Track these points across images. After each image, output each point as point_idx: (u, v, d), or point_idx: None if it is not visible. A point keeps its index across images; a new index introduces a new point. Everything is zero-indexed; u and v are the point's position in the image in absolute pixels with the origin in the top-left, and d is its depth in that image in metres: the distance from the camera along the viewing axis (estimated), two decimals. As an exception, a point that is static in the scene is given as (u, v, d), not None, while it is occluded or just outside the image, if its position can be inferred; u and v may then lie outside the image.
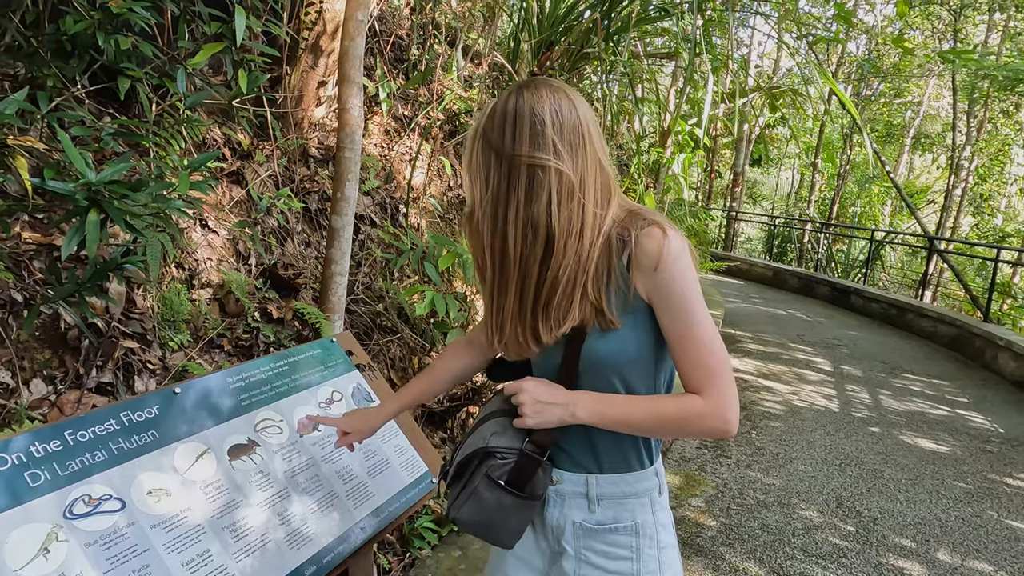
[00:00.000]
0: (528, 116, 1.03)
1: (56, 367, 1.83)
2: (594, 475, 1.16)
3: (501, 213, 1.06)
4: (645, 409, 1.08)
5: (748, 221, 18.48)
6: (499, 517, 1.14)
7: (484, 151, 1.07)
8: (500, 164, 1.05)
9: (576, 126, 1.05)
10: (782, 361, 6.75)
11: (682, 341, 1.05)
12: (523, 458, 1.13)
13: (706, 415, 1.04)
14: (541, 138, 1.03)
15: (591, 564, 1.16)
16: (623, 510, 1.16)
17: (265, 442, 1.59)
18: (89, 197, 1.23)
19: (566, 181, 1.03)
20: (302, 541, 1.49)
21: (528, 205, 1.04)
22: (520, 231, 1.05)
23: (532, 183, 1.03)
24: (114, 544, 1.22)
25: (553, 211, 1.03)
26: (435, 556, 2.10)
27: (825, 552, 3.16)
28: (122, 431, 1.36)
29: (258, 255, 2.61)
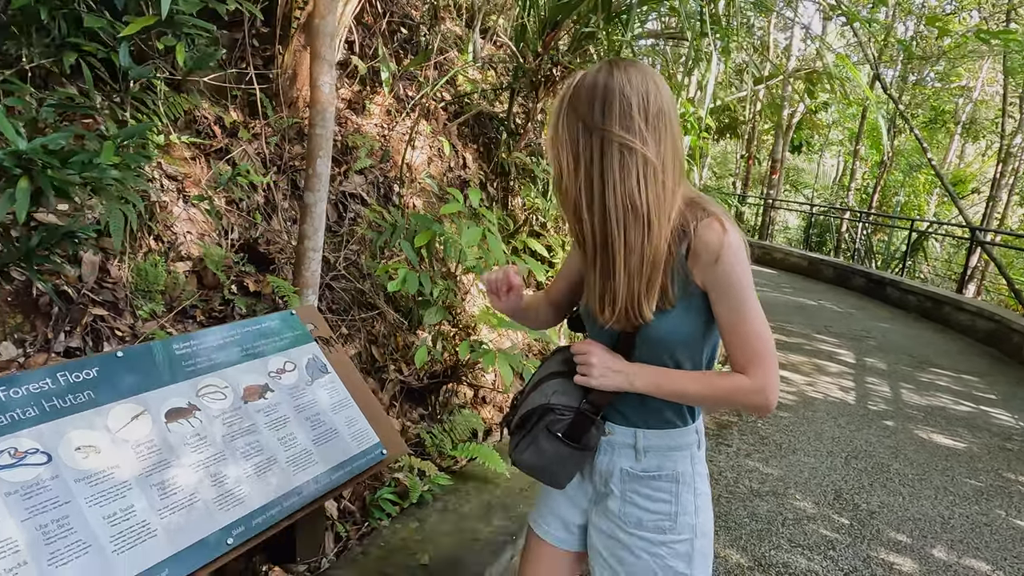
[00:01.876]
0: (617, 95, 1.08)
1: (28, 331, 1.92)
2: (642, 430, 1.31)
3: (598, 189, 1.12)
4: (699, 384, 1.20)
5: (786, 209, 17.99)
6: (555, 463, 1.31)
7: (570, 121, 1.12)
8: (590, 137, 1.11)
9: (660, 110, 1.11)
10: (803, 352, 6.59)
11: (735, 328, 1.16)
12: (579, 416, 1.29)
13: (752, 392, 1.17)
14: (629, 119, 1.08)
15: (635, 504, 1.32)
16: (666, 460, 1.31)
17: (206, 407, 1.64)
18: (21, 165, 1.28)
19: (651, 163, 1.10)
20: (233, 502, 1.54)
21: (624, 183, 1.10)
22: (621, 209, 1.11)
23: (623, 162, 1.09)
24: (35, 495, 1.28)
25: (644, 191, 1.10)
26: (392, 527, 2.14)
27: (813, 543, 3.10)
28: (57, 390, 1.42)
29: (242, 229, 2.67)
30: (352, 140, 3.35)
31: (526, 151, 4.52)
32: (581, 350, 1.27)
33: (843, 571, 2.90)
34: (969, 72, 14.75)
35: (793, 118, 15.21)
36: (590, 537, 1.41)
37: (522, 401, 1.37)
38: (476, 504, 2.32)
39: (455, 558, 2.01)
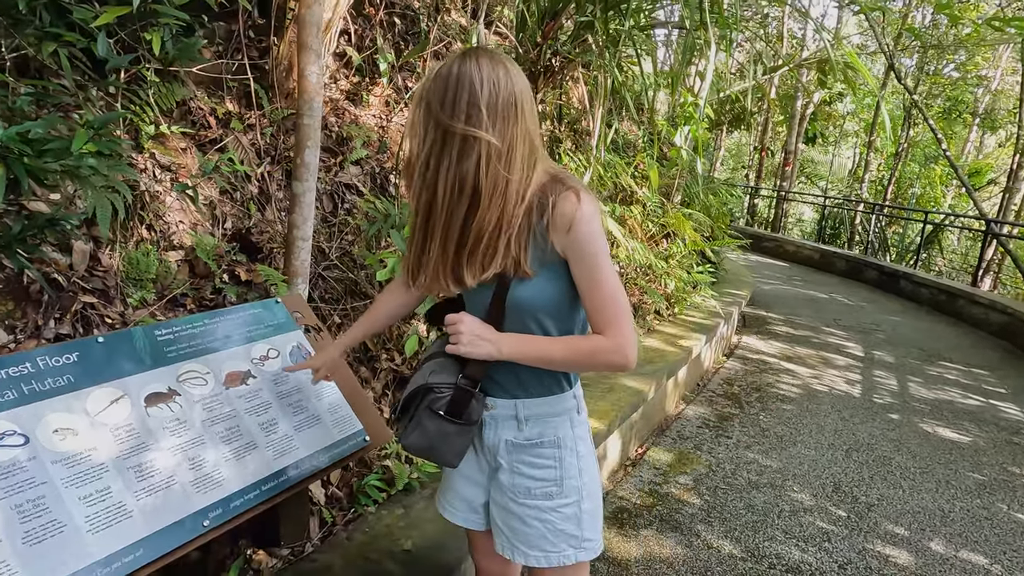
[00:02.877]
0: (467, 87, 1.15)
1: (18, 318, 1.96)
2: (521, 399, 1.38)
3: (433, 167, 1.19)
4: (561, 347, 1.28)
5: (799, 201, 17.79)
6: (441, 442, 1.35)
7: (424, 112, 1.19)
8: (436, 127, 1.17)
9: (509, 98, 1.17)
10: (810, 344, 6.54)
11: (590, 291, 1.24)
12: (458, 391, 1.34)
13: (610, 351, 1.24)
14: (475, 109, 1.15)
15: (522, 474, 1.39)
16: (547, 427, 1.38)
17: (187, 392, 1.67)
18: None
19: (494, 149, 1.16)
20: (211, 485, 1.56)
21: (459, 164, 1.17)
22: (449, 185, 1.18)
23: (464, 147, 1.16)
24: (11, 475, 1.31)
25: (480, 172, 1.17)
26: (378, 513, 2.16)
27: (808, 535, 3.09)
28: (36, 373, 1.45)
29: (235, 219, 2.70)
30: (348, 131, 3.37)
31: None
32: (451, 320, 1.31)
33: (837, 563, 2.88)
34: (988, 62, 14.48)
35: (807, 109, 15.03)
36: (491, 512, 1.47)
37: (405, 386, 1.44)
38: (463, 492, 2.33)
39: (438, 544, 2.03)
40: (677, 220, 4.66)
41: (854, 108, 18.47)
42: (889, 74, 12.52)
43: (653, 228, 5.10)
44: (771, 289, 9.36)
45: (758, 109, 15.44)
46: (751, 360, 5.87)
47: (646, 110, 4.54)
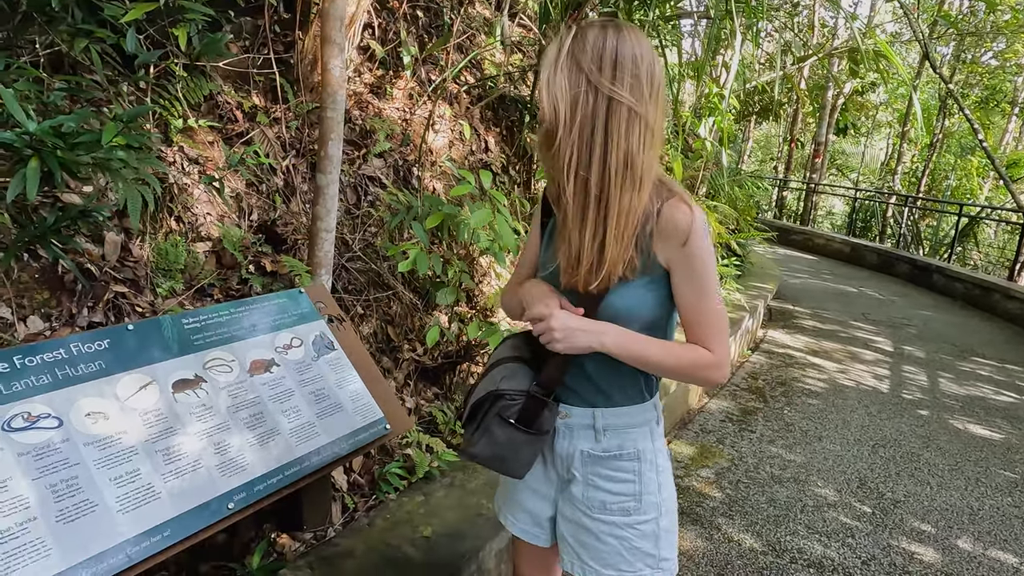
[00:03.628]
0: (629, 58, 1.07)
1: (54, 306, 2.03)
2: (600, 408, 1.29)
3: (600, 146, 1.09)
4: (664, 351, 1.20)
5: (830, 194, 17.44)
6: (510, 452, 1.27)
7: (572, 73, 1.08)
8: (595, 94, 1.07)
9: (661, 80, 1.11)
10: (838, 339, 6.44)
11: (696, 306, 1.18)
12: (530, 399, 1.26)
13: (711, 365, 1.19)
14: (639, 84, 1.07)
15: (597, 487, 1.30)
16: (627, 439, 1.29)
17: (212, 379, 1.71)
18: (31, 146, 1.35)
19: (649, 129, 1.10)
20: (235, 470, 1.61)
21: (627, 139, 1.08)
22: (621, 168, 1.09)
23: (629, 121, 1.08)
24: (46, 456, 1.36)
25: (642, 154, 1.10)
26: (399, 500, 2.20)
27: (831, 530, 3.05)
28: (70, 359, 1.50)
29: (261, 211, 2.75)
30: (372, 124, 3.40)
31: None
32: (536, 314, 1.21)
33: (860, 559, 2.85)
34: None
35: (838, 99, 14.72)
36: (558, 526, 1.38)
37: (472, 391, 1.34)
38: (483, 481, 2.36)
39: (457, 531, 2.06)
40: (701, 212, 4.60)
41: (887, 98, 18.04)
42: (924, 63, 12.20)
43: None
44: (799, 283, 9.22)
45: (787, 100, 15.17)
46: (776, 354, 5.80)
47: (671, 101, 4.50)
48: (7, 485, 1.29)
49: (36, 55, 1.77)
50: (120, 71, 2.21)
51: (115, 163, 1.49)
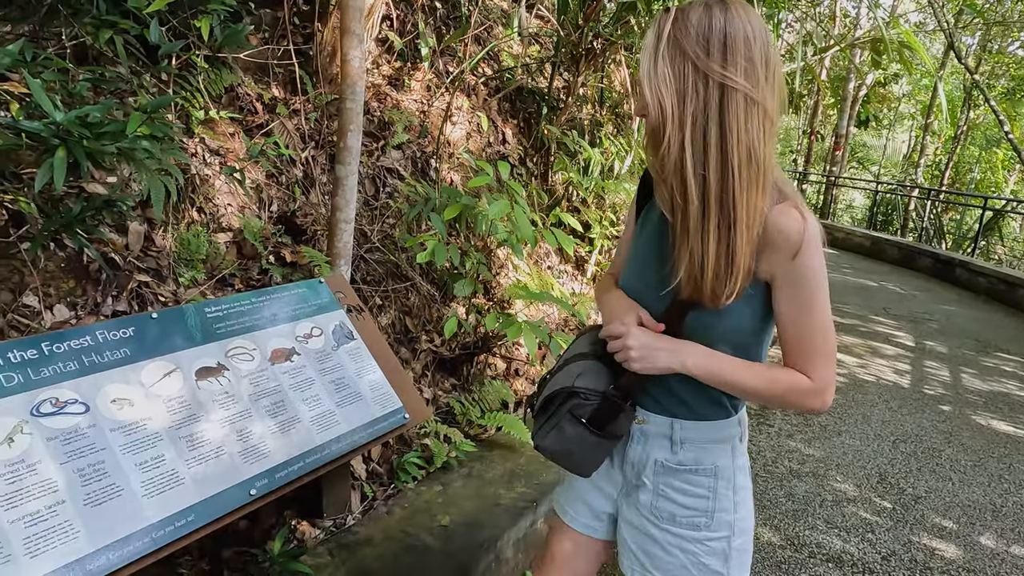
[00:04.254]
0: (741, 39, 0.96)
1: (79, 295, 2.06)
2: (680, 420, 1.20)
3: (716, 140, 0.97)
4: (754, 376, 1.09)
5: (850, 187, 17.21)
6: (579, 450, 1.21)
7: (677, 61, 0.98)
8: (706, 82, 0.97)
9: (776, 58, 0.99)
10: (858, 333, 6.36)
11: (799, 322, 1.06)
12: (606, 401, 1.18)
13: (811, 393, 1.07)
14: (752, 67, 0.96)
15: (668, 498, 1.22)
16: (705, 454, 1.20)
17: (235, 367, 1.73)
18: (58, 136, 1.37)
19: (770, 117, 0.98)
20: (257, 456, 1.63)
21: (747, 131, 0.97)
22: (745, 162, 0.97)
23: (748, 110, 0.96)
24: (74, 440, 1.39)
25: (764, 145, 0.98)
26: (417, 490, 2.21)
27: (851, 525, 3.03)
28: (96, 346, 1.53)
29: (280, 202, 2.77)
30: (390, 116, 3.41)
31: (567, 125, 4.49)
32: (613, 332, 1.14)
33: (880, 554, 2.82)
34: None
35: (860, 91, 14.50)
36: (619, 530, 1.33)
37: (546, 382, 1.27)
38: (500, 471, 2.36)
39: (475, 521, 2.07)
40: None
41: (910, 89, 17.75)
42: (949, 53, 11.97)
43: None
44: (818, 277, 9.12)
45: (807, 92, 14.97)
46: (795, 348, 5.75)
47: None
48: (36, 468, 1.31)
49: (62, 47, 1.80)
50: (145, 62, 2.23)
51: (139, 153, 1.50)
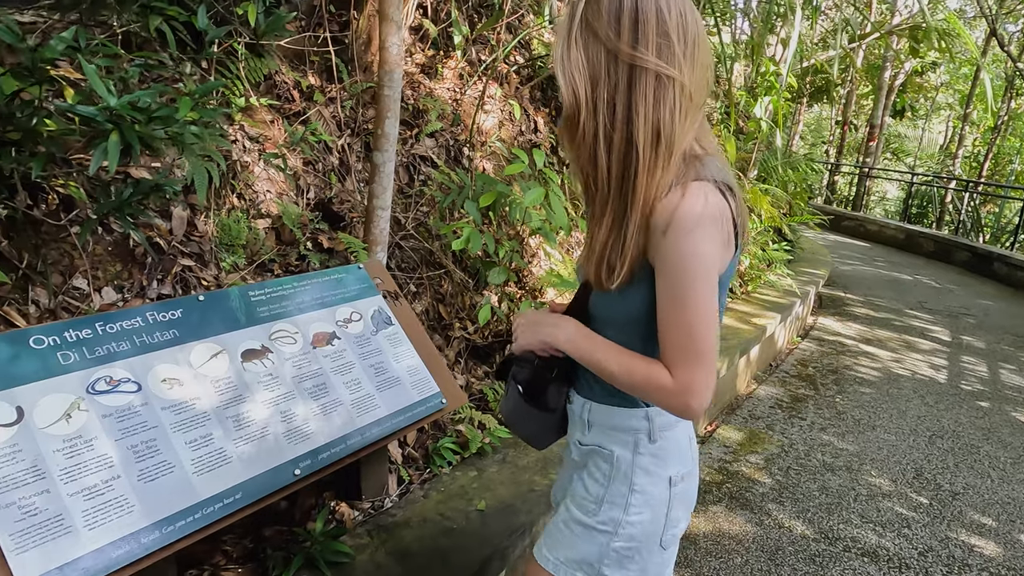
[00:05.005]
0: (653, 11, 0.92)
1: (125, 279, 2.11)
2: (590, 402, 1.22)
3: (622, 119, 0.94)
4: (617, 359, 1.06)
5: (884, 178, 16.83)
6: (520, 419, 1.27)
7: (589, 44, 0.95)
8: (615, 63, 0.94)
9: (697, 31, 0.95)
10: (892, 327, 6.25)
11: (668, 315, 0.98)
12: (535, 369, 1.22)
13: (670, 392, 0.99)
14: (667, 41, 0.92)
15: (579, 478, 1.25)
16: (606, 439, 1.20)
17: (278, 350, 1.76)
18: (112, 120, 1.40)
19: (686, 91, 0.94)
20: (300, 438, 1.66)
21: (656, 108, 0.93)
22: (651, 136, 0.93)
23: (658, 88, 0.93)
24: (127, 418, 1.42)
25: (675, 123, 0.94)
26: (452, 475, 2.23)
27: (886, 520, 2.99)
28: (147, 327, 1.56)
29: (317, 189, 2.80)
30: (423, 103, 3.42)
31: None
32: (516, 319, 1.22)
33: (917, 550, 2.78)
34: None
35: (895, 80, 14.15)
36: None
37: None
38: (534, 458, 2.37)
39: (510, 506, 2.08)
40: (753, 195, 4.51)
41: (947, 79, 17.27)
42: (990, 40, 11.61)
43: (727, 203, 4.95)
44: (850, 270, 8.97)
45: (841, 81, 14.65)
46: (827, 341, 5.67)
47: (723, 81, 4.39)
48: (92, 444, 1.35)
49: (112, 33, 1.83)
50: (192, 48, 2.27)
51: (188, 138, 1.53)
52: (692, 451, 1.23)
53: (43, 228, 1.97)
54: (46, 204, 1.97)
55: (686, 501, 1.21)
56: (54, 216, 1.96)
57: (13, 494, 1.22)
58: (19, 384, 1.33)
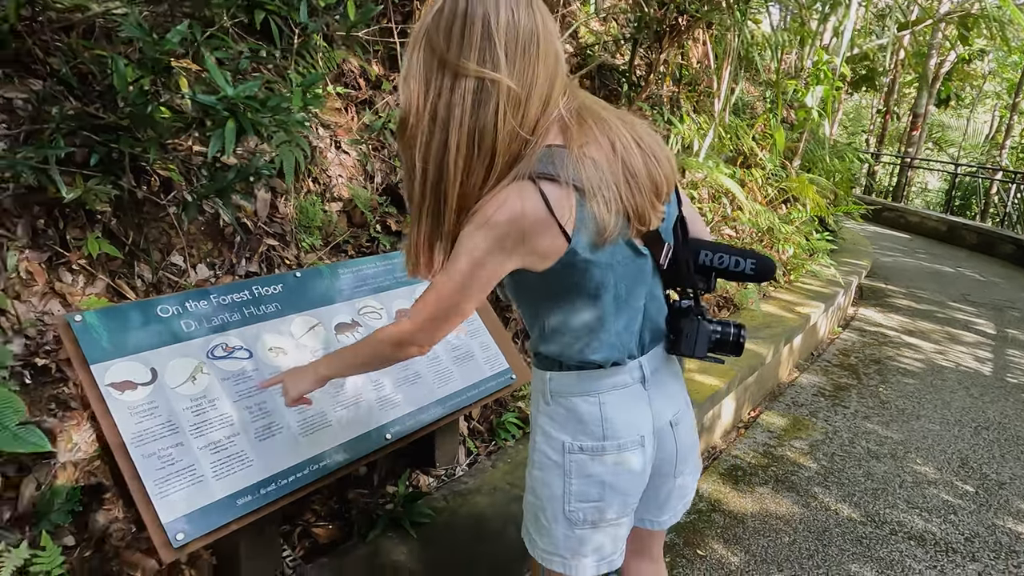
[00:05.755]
0: (479, 20, 0.96)
1: (216, 256, 2.25)
2: None
3: (442, 118, 0.99)
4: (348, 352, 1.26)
5: (926, 169, 16.48)
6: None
7: (425, 55, 1.00)
8: (441, 72, 0.99)
9: (527, 31, 0.98)
10: (935, 319, 6.20)
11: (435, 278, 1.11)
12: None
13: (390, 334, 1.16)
14: (491, 46, 0.96)
15: None
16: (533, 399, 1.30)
17: (366, 324, 1.89)
18: (228, 108, 1.53)
19: (514, 93, 0.98)
20: (389, 405, 1.78)
21: (474, 113, 0.98)
22: (465, 140, 0.99)
23: (480, 92, 0.98)
24: (243, 382, 1.56)
25: (500, 123, 0.99)
26: (516, 447, 2.35)
27: (933, 507, 3.04)
28: (253, 300, 1.70)
29: (384, 174, 2.92)
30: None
31: (648, 103, 4.50)
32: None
33: (964, 536, 2.83)
34: None
35: (941, 68, 13.82)
36: None
37: None
38: (592, 434, 2.48)
39: (574, 478, 2.19)
40: (800, 184, 4.52)
41: (995, 67, 16.78)
42: (1043, 27, 11.27)
43: (772, 192, 4.98)
44: (891, 261, 8.86)
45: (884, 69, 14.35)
46: (869, 332, 5.66)
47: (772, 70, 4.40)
48: (215, 404, 1.49)
49: (221, 27, 1.96)
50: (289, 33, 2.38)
51: (292, 125, 1.65)
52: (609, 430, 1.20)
53: (144, 208, 2.12)
54: (148, 185, 2.12)
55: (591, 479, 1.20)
56: (155, 197, 2.11)
57: (154, 445, 1.37)
58: (152, 348, 1.47)
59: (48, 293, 1.80)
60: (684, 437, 1.33)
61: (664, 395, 1.27)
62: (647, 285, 1.19)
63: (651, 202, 1.10)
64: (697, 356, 1.24)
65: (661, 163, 1.12)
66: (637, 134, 1.11)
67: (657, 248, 1.17)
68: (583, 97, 1.11)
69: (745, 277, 1.29)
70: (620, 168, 1.06)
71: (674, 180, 1.17)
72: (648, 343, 1.23)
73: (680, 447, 1.32)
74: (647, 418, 1.23)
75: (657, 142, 1.15)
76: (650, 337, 1.24)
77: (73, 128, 1.73)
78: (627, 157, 1.07)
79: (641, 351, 1.22)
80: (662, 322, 1.27)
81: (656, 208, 1.12)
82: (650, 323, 1.23)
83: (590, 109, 1.09)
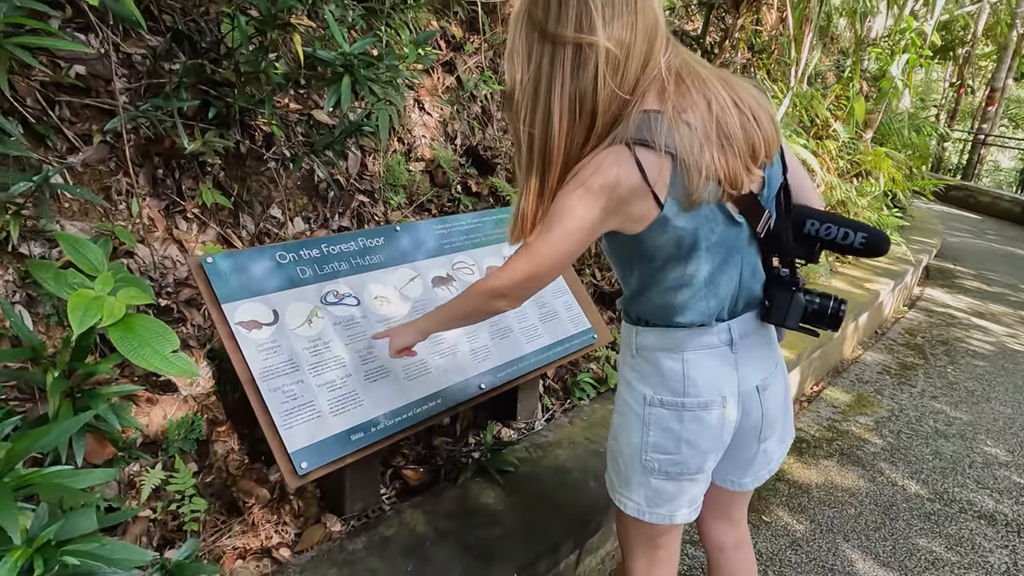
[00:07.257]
0: None
1: (311, 211, 2.35)
2: None
3: (545, 88, 1.03)
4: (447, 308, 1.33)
5: (1000, 147, 15.68)
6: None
7: (527, 30, 1.04)
8: (543, 42, 1.02)
9: None
10: (1007, 302, 5.99)
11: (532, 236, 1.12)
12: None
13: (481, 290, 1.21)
14: (587, 11, 0.99)
15: None
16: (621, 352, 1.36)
17: (460, 279, 1.96)
18: (344, 65, 1.58)
19: (612, 57, 1.00)
20: (483, 356, 1.86)
21: (575, 78, 1.01)
22: (568, 106, 1.02)
23: (578, 57, 1.00)
24: (352, 327, 1.65)
25: (599, 85, 1.01)
26: (591, 406, 2.41)
27: (1003, 488, 3.00)
28: (359, 251, 1.78)
29: (463, 136, 2.97)
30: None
31: (720, 70, 4.41)
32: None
33: (1035, 518, 2.80)
34: None
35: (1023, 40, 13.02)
36: None
37: None
38: (665, 398, 2.52)
39: (649, 438, 2.24)
40: (876, 157, 4.38)
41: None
42: None
43: (844, 164, 4.83)
44: (959, 242, 8.54)
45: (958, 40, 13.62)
46: (936, 313, 5.51)
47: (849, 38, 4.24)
48: (329, 346, 1.59)
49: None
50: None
51: (399, 83, 1.70)
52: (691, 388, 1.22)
53: (247, 162, 2.22)
54: (251, 139, 2.22)
55: (669, 433, 1.23)
56: (259, 150, 2.20)
57: (279, 380, 1.47)
58: (273, 291, 1.57)
59: (168, 239, 1.92)
60: (771, 403, 1.33)
61: (753, 359, 1.27)
62: (741, 252, 1.19)
63: (746, 165, 1.08)
64: (788, 326, 1.25)
65: (762, 124, 1.10)
66: (736, 94, 1.09)
67: (755, 216, 1.16)
68: (684, 54, 1.10)
69: (853, 251, 1.24)
70: (715, 129, 1.05)
71: (777, 142, 1.15)
72: (741, 308, 1.25)
73: (767, 412, 1.32)
74: (732, 380, 1.24)
75: (759, 102, 1.13)
76: (744, 303, 1.25)
77: (193, 82, 1.82)
78: (723, 117, 1.05)
79: (732, 315, 1.23)
80: (758, 289, 1.27)
81: (751, 172, 1.10)
82: (745, 289, 1.24)
83: (690, 67, 1.08)
